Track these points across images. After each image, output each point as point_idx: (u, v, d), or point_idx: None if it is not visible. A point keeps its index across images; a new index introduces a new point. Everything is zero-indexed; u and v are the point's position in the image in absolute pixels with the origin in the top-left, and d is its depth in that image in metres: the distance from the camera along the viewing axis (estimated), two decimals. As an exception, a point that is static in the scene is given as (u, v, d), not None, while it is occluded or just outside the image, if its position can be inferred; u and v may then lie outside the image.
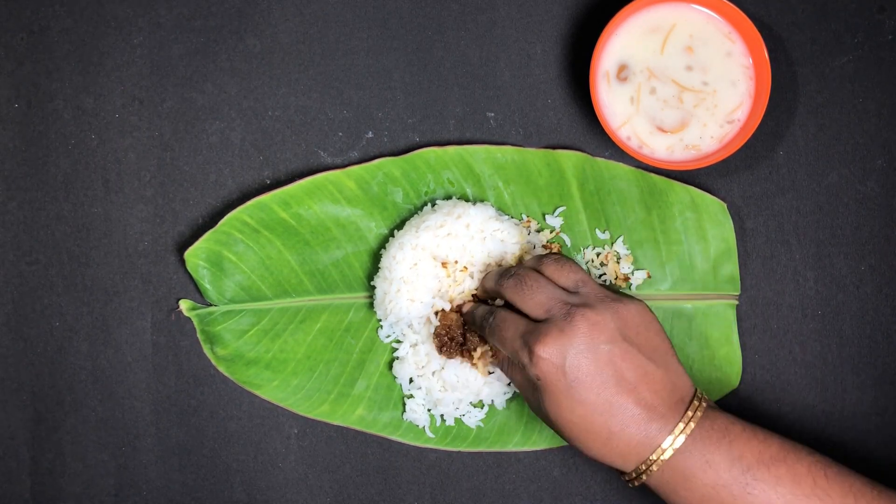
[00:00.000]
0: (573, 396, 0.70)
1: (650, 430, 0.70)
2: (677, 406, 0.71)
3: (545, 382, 0.71)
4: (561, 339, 0.70)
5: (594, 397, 0.70)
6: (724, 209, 0.83)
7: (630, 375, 0.70)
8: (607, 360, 0.70)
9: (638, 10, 0.80)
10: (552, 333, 0.71)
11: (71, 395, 0.85)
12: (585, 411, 0.70)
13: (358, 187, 0.84)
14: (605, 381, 0.70)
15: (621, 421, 0.70)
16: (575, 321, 0.71)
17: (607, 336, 0.71)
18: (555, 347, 0.70)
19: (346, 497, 0.85)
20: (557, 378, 0.70)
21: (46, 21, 0.85)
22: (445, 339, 0.79)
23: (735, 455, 0.70)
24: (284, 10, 0.85)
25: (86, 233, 0.85)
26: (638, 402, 0.70)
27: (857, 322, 0.84)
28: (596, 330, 0.71)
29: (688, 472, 0.70)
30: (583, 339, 0.70)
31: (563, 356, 0.70)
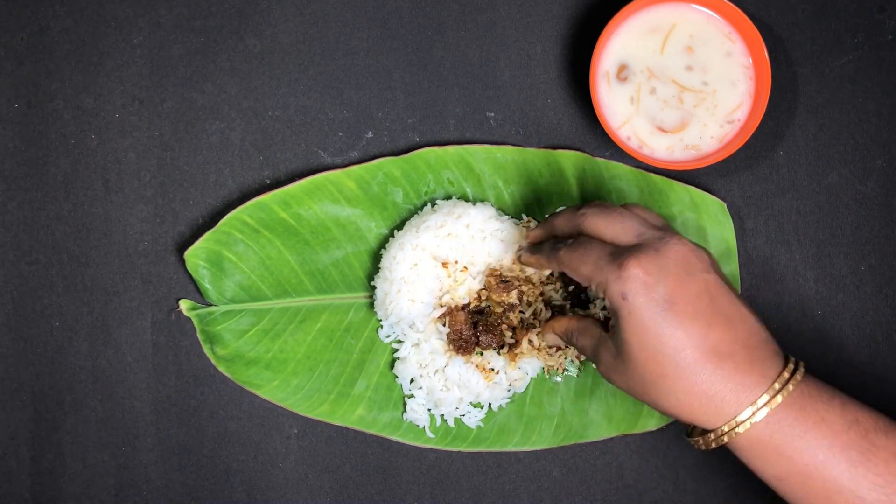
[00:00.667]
0: (664, 320, 0.62)
1: (751, 375, 0.62)
2: (776, 357, 0.64)
3: (633, 302, 0.63)
4: (657, 259, 0.63)
5: (689, 325, 0.62)
6: (724, 209, 0.83)
7: (727, 310, 0.64)
8: (704, 288, 0.63)
9: (638, 10, 0.80)
10: (648, 252, 0.64)
11: (71, 395, 0.85)
12: (676, 340, 0.62)
13: (358, 187, 0.84)
14: (701, 310, 0.63)
15: (717, 360, 0.62)
16: (671, 244, 0.64)
17: (704, 265, 0.64)
18: (651, 265, 0.63)
19: (346, 497, 0.85)
20: (649, 298, 0.63)
21: (46, 21, 0.85)
22: (460, 342, 0.80)
23: (851, 418, 0.63)
24: (284, 10, 0.85)
25: (86, 233, 0.85)
26: (736, 339, 0.63)
27: (857, 322, 0.84)
28: (694, 257, 0.64)
29: (798, 430, 0.62)
30: (680, 262, 0.63)
31: (658, 275, 0.63)
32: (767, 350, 0.65)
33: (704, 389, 0.62)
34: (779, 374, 0.64)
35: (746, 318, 0.65)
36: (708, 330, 0.63)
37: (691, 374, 0.62)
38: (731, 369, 0.63)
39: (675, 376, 0.63)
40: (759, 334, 0.65)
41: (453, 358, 0.81)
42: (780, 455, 0.63)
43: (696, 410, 0.63)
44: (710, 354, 0.62)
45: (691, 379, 0.63)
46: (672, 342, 0.63)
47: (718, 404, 0.63)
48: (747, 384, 0.63)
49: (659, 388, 0.64)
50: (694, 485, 0.84)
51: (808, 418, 0.63)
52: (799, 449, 0.62)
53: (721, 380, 0.62)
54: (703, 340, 0.62)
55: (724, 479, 0.84)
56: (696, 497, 0.84)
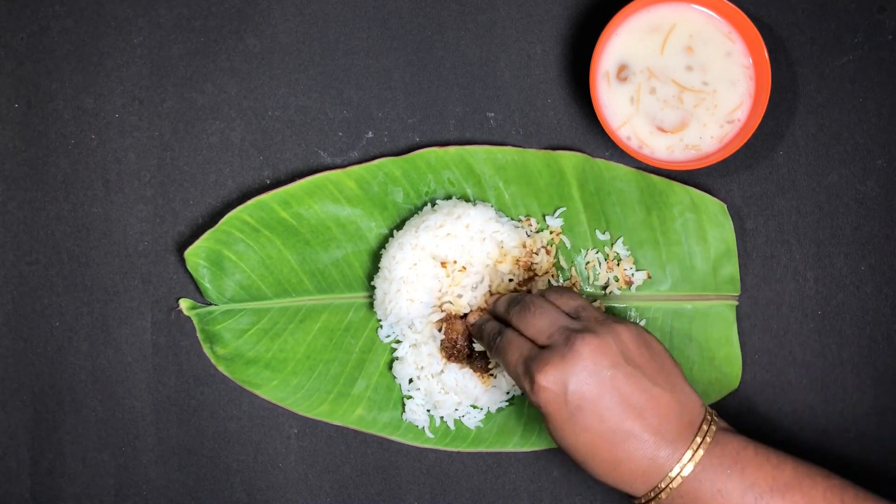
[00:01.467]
0: (577, 424, 0.69)
1: (659, 456, 0.68)
2: (687, 430, 0.69)
3: (546, 411, 0.69)
4: (562, 366, 0.69)
5: (598, 424, 0.68)
6: (724, 210, 0.83)
7: (635, 400, 0.69)
8: (611, 385, 0.68)
9: (638, 10, 0.80)
10: (553, 361, 0.69)
11: (71, 395, 0.85)
12: (590, 439, 0.69)
13: (358, 187, 0.84)
14: (609, 408, 0.68)
15: (628, 447, 0.68)
16: (576, 346, 0.69)
17: (610, 360, 0.69)
18: (556, 375, 0.68)
19: (346, 497, 0.85)
20: (559, 407, 0.69)
21: (46, 21, 0.85)
22: (453, 351, 0.80)
23: (747, 483, 0.68)
24: (284, 10, 0.85)
25: (86, 233, 0.85)
26: (645, 427, 0.68)
27: (857, 322, 0.84)
28: (598, 354, 0.69)
29: (699, 501, 0.68)
30: (585, 364, 0.68)
31: (564, 384, 0.68)
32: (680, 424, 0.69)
33: (623, 471, 0.69)
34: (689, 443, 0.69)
35: (658, 400, 0.69)
36: (618, 426, 0.68)
37: (609, 462, 0.69)
38: (643, 453, 0.69)
39: (595, 462, 0.70)
40: (671, 412, 0.69)
41: (449, 364, 0.81)
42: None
43: (622, 485, 0.70)
44: (622, 445, 0.69)
45: (610, 465, 0.69)
46: (587, 440, 0.69)
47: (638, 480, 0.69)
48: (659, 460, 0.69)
49: (587, 468, 0.71)
50: (694, 485, 0.84)
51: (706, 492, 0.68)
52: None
53: (636, 462, 0.69)
54: (613, 436, 0.68)
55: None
56: (696, 497, 0.84)
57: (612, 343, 0.69)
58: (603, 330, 0.70)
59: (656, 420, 0.69)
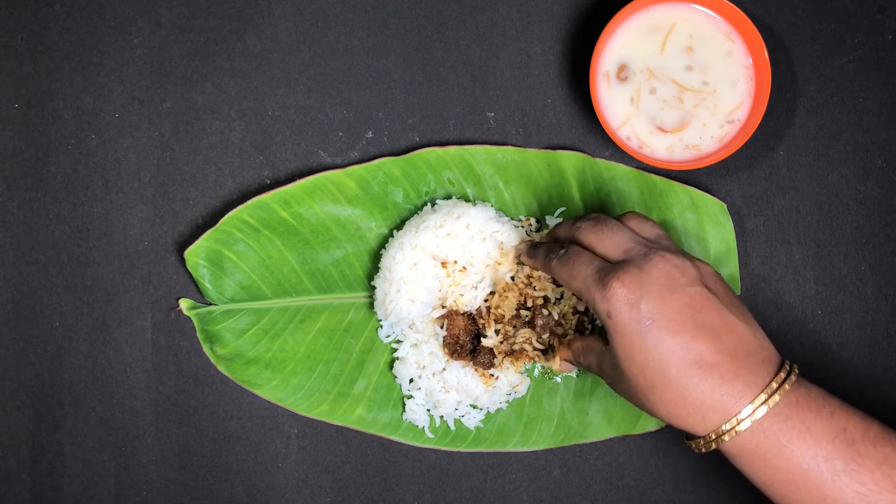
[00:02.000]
0: (648, 336, 0.65)
1: (737, 382, 0.64)
2: (765, 365, 0.65)
3: (617, 320, 0.66)
4: (639, 276, 0.66)
5: (671, 339, 0.64)
6: (724, 210, 0.83)
7: (711, 322, 0.65)
8: (687, 302, 0.65)
9: (638, 10, 0.80)
10: (631, 270, 0.66)
11: (71, 395, 0.85)
12: (660, 355, 0.64)
13: (358, 187, 0.84)
14: (683, 323, 0.64)
15: (700, 372, 0.64)
16: (654, 260, 0.66)
17: (688, 279, 0.66)
18: (633, 283, 0.65)
19: (346, 497, 0.85)
20: (632, 316, 0.65)
21: (46, 21, 0.85)
22: (455, 347, 0.80)
23: (838, 427, 0.64)
24: (284, 10, 0.85)
25: (86, 233, 0.85)
26: (720, 350, 0.64)
27: (857, 322, 0.84)
28: (677, 272, 0.66)
29: (783, 439, 0.63)
30: (663, 278, 0.66)
31: (640, 292, 0.65)
32: (756, 358, 0.66)
33: (691, 400, 0.64)
34: (767, 383, 0.65)
35: (734, 327, 0.66)
36: (691, 342, 0.64)
37: (677, 385, 0.65)
38: (716, 380, 0.64)
39: (662, 388, 0.65)
40: (748, 343, 0.66)
41: (451, 361, 0.81)
42: (766, 463, 0.65)
43: (685, 419, 0.66)
44: (693, 366, 0.64)
45: (677, 391, 0.65)
46: (656, 356, 0.65)
47: (705, 414, 0.65)
48: (732, 394, 0.64)
49: (650, 399, 0.66)
50: (694, 485, 0.84)
51: (794, 428, 0.64)
52: (784, 457, 0.64)
53: (706, 391, 0.64)
54: (685, 353, 0.64)
55: (723, 479, 0.84)
56: (696, 497, 0.84)
57: (691, 267, 0.67)
58: (683, 255, 0.68)
59: (732, 344, 0.65)
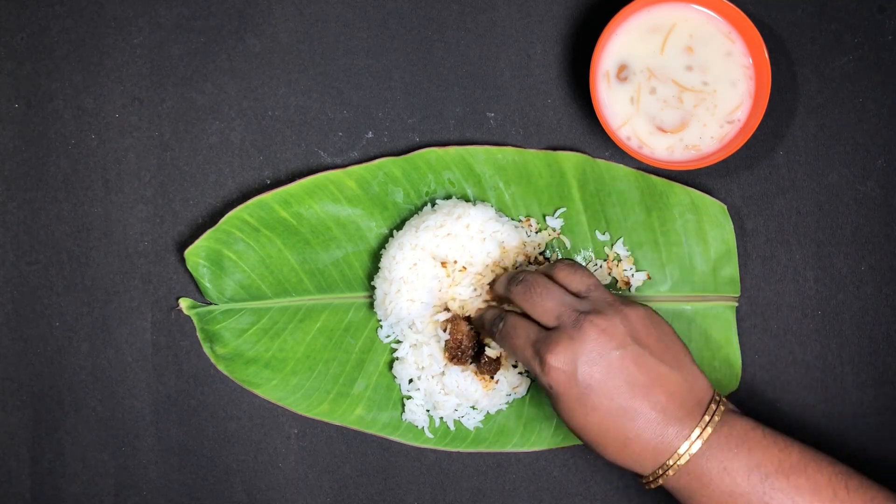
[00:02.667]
0: (586, 404, 0.70)
1: (667, 434, 0.69)
2: (694, 409, 0.70)
3: (557, 391, 0.70)
4: (571, 347, 0.70)
5: (607, 403, 0.69)
6: (725, 211, 0.83)
7: (643, 379, 0.70)
8: (619, 366, 0.69)
9: (638, 10, 0.80)
10: (562, 342, 0.70)
11: (71, 395, 0.85)
12: (599, 418, 0.70)
13: (358, 187, 0.84)
14: (617, 387, 0.69)
15: (637, 426, 0.69)
16: (584, 328, 0.70)
17: (618, 341, 0.70)
18: (565, 356, 0.70)
19: (346, 497, 0.85)
20: (569, 387, 0.70)
21: (46, 21, 0.85)
22: (457, 352, 0.80)
23: (754, 463, 0.69)
24: (284, 10, 0.85)
25: (86, 233, 0.85)
26: (653, 406, 0.69)
27: (857, 322, 0.84)
28: (606, 336, 0.70)
29: (705, 478, 0.69)
30: (593, 345, 0.69)
31: (573, 364, 0.69)
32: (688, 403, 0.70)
33: (632, 449, 0.70)
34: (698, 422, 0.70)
35: (665, 379, 0.70)
36: (626, 404, 0.69)
37: (618, 440, 0.70)
38: (652, 432, 0.69)
39: (604, 443, 0.71)
40: (678, 390, 0.70)
41: (450, 365, 0.81)
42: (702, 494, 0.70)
43: (630, 464, 0.71)
44: (630, 424, 0.69)
45: (620, 444, 0.70)
46: (595, 419, 0.70)
47: (646, 458, 0.70)
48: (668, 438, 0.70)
49: (595, 449, 0.72)
50: (694, 485, 0.84)
51: (712, 470, 0.69)
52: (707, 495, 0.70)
53: (644, 440, 0.70)
54: (622, 414, 0.69)
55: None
56: (696, 497, 0.84)
57: (620, 324, 0.70)
58: (611, 311, 0.71)
59: (664, 398, 0.70)
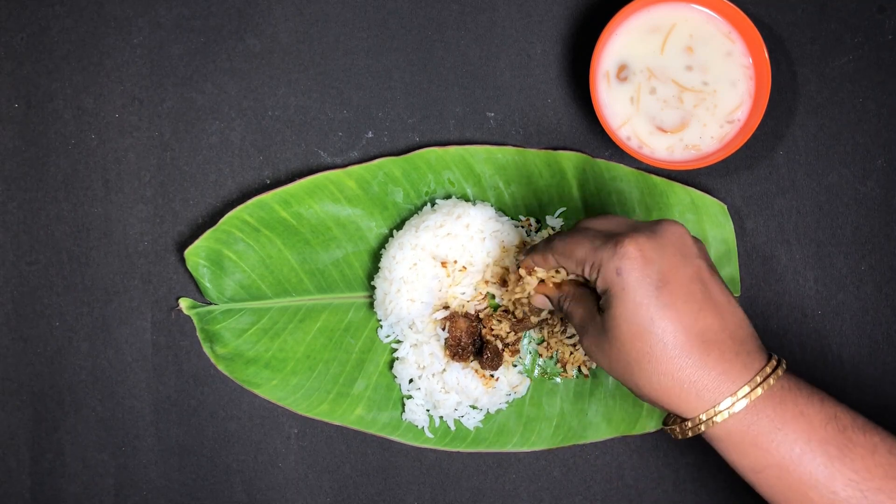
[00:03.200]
0: (657, 298, 0.62)
1: (735, 365, 0.62)
2: (759, 352, 0.64)
3: (627, 279, 0.62)
4: (654, 239, 0.63)
5: (681, 306, 0.62)
6: (725, 211, 0.83)
7: (718, 298, 0.63)
8: (697, 273, 0.63)
9: (638, 10, 0.80)
10: (644, 232, 0.64)
11: (71, 395, 0.85)
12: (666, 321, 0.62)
13: (359, 187, 0.84)
14: (693, 293, 0.63)
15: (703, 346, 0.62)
16: (666, 226, 0.64)
17: (698, 250, 0.65)
18: (648, 245, 0.63)
19: (346, 497, 0.85)
20: (645, 274, 0.62)
21: (46, 21, 0.85)
22: (457, 349, 0.80)
23: (829, 413, 0.63)
24: (284, 10, 0.85)
25: (86, 233, 0.85)
26: (724, 328, 0.63)
27: (857, 322, 0.84)
28: (689, 240, 0.65)
29: (777, 422, 0.62)
30: (677, 243, 0.64)
31: (654, 253, 0.63)
32: (752, 344, 0.64)
33: (687, 375, 0.62)
34: (761, 367, 0.63)
35: (735, 309, 0.65)
36: (698, 314, 0.62)
37: (676, 357, 0.62)
38: (716, 358, 0.62)
39: (660, 358, 0.62)
40: (747, 327, 0.65)
41: (451, 363, 0.81)
42: (757, 447, 0.62)
43: (676, 396, 0.63)
44: (697, 340, 0.62)
45: (675, 362, 0.62)
46: (662, 321, 0.62)
47: (699, 392, 0.62)
48: (730, 374, 0.62)
49: (642, 369, 0.63)
50: (694, 485, 0.84)
51: (787, 411, 0.62)
52: (776, 441, 0.62)
53: (704, 367, 0.62)
54: (692, 324, 0.62)
55: (723, 479, 0.84)
56: (696, 497, 0.84)
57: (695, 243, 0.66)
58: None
59: (734, 326, 0.63)
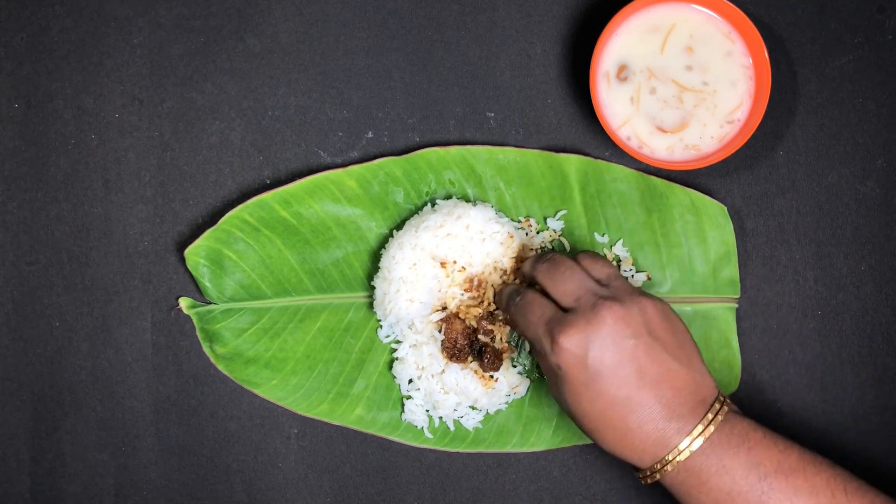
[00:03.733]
0: (593, 388, 0.69)
1: (668, 429, 0.69)
2: (698, 407, 0.70)
3: (566, 372, 0.70)
4: (586, 330, 0.69)
5: (614, 391, 0.69)
6: (725, 212, 0.83)
7: (652, 372, 0.69)
8: (631, 355, 0.69)
9: (638, 10, 0.80)
10: (577, 324, 0.70)
11: (71, 395, 0.85)
12: (604, 405, 0.69)
13: (359, 187, 0.84)
14: (626, 376, 0.69)
15: (640, 417, 0.69)
16: (601, 313, 0.69)
17: (633, 330, 0.70)
18: (578, 338, 0.69)
19: (346, 497, 0.85)
20: (578, 369, 0.69)
21: (46, 21, 0.85)
22: (454, 351, 0.80)
23: (753, 462, 0.69)
24: (284, 10, 0.85)
25: (86, 233, 0.85)
26: (658, 399, 0.69)
27: (857, 322, 0.84)
28: (622, 323, 0.69)
29: (703, 476, 0.69)
30: (607, 331, 0.69)
31: (585, 347, 0.69)
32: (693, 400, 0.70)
33: (632, 441, 0.70)
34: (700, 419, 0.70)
35: (674, 374, 0.70)
36: (632, 395, 0.69)
37: (620, 429, 0.70)
38: (654, 426, 0.69)
39: (605, 430, 0.70)
40: (685, 387, 0.70)
41: (450, 364, 0.81)
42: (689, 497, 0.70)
43: (629, 456, 0.71)
44: (634, 415, 0.69)
45: (621, 433, 0.70)
46: (600, 406, 0.70)
47: (646, 450, 0.70)
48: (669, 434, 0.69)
49: (595, 437, 0.72)
50: (694, 485, 0.84)
51: (711, 467, 0.69)
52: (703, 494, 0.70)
53: (646, 433, 0.69)
54: (626, 404, 0.69)
55: (724, 479, 0.84)
56: (696, 497, 0.84)
57: (637, 314, 0.70)
58: (629, 300, 0.71)
59: (671, 393, 0.69)
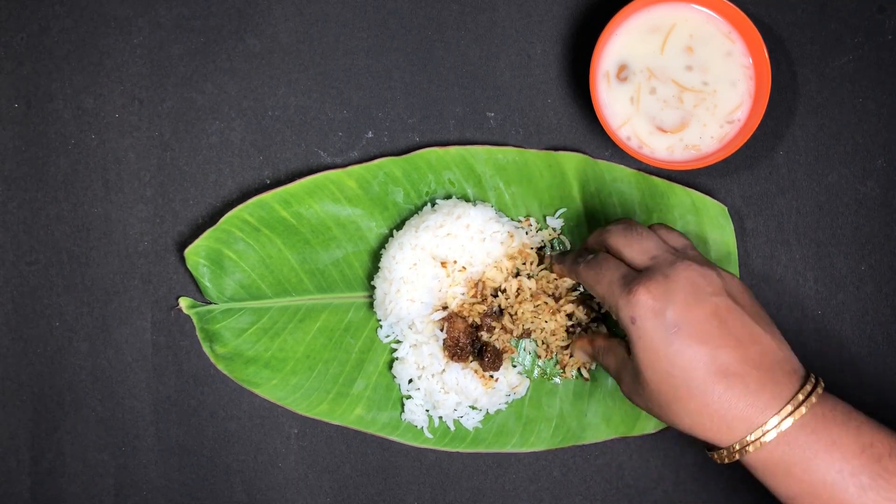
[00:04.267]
0: (672, 344, 0.63)
1: (762, 396, 0.62)
2: (790, 377, 0.64)
3: (641, 327, 0.65)
4: (665, 284, 0.64)
5: (696, 348, 0.63)
6: (725, 212, 0.83)
7: (737, 332, 0.64)
8: (712, 311, 0.64)
9: (638, 10, 0.80)
10: (656, 278, 0.65)
11: (71, 395, 0.85)
12: (684, 363, 0.63)
13: (359, 187, 0.84)
14: (708, 332, 0.63)
15: (726, 381, 0.63)
16: (679, 269, 0.65)
17: (713, 289, 0.65)
18: (658, 291, 0.64)
19: (346, 497, 0.85)
20: (657, 323, 0.64)
21: (46, 21, 0.85)
22: (456, 349, 0.80)
23: (865, 441, 0.62)
24: (284, 10, 0.85)
25: (86, 233, 0.85)
26: (745, 360, 0.63)
27: (857, 322, 0.84)
28: (702, 280, 0.65)
29: (808, 452, 0.62)
30: (688, 286, 0.64)
31: (665, 300, 0.64)
32: (781, 370, 0.65)
33: (715, 409, 0.63)
34: (793, 395, 0.64)
35: (759, 338, 0.65)
36: (716, 352, 0.63)
37: (701, 395, 0.63)
38: (741, 391, 0.63)
39: (686, 398, 0.64)
40: (773, 355, 0.65)
41: (451, 363, 0.81)
42: (790, 475, 0.63)
43: (709, 430, 0.64)
44: (718, 376, 0.63)
45: (701, 399, 0.63)
46: (680, 365, 0.64)
47: (729, 424, 0.64)
48: (758, 405, 0.63)
49: (673, 409, 0.65)
50: (694, 485, 0.84)
51: (820, 440, 0.63)
52: (809, 471, 0.63)
53: (731, 401, 0.63)
54: (710, 362, 0.63)
55: (723, 479, 0.84)
56: (696, 497, 0.84)
57: (717, 278, 0.66)
58: (708, 265, 0.67)
59: (757, 357, 0.64)
